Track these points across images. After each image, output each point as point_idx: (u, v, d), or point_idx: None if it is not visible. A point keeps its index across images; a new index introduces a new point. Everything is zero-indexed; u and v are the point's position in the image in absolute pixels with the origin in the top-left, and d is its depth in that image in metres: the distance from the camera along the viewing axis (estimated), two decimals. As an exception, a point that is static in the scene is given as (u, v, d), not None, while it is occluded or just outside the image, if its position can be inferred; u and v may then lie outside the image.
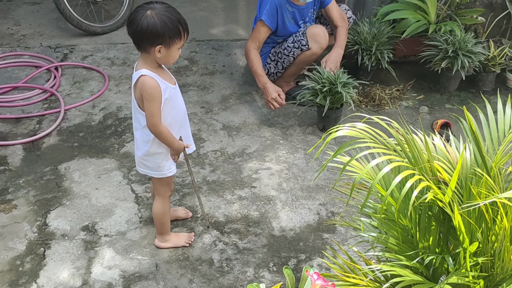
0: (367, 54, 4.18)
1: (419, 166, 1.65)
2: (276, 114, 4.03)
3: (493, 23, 4.43)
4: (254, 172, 3.50)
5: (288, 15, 3.87)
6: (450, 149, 1.81)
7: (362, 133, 1.63)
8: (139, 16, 2.42)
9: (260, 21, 3.84)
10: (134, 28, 2.42)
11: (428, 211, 1.75)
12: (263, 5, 3.83)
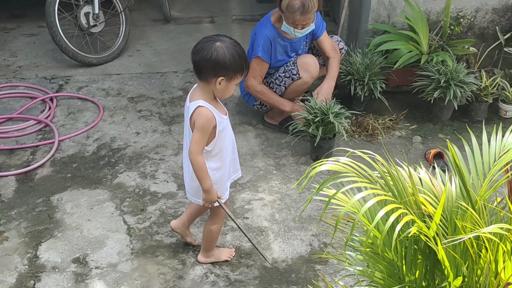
0: (360, 84, 4.20)
1: (404, 200, 1.65)
2: (269, 144, 4.04)
3: (485, 53, 4.47)
4: (247, 203, 3.49)
5: (280, 48, 3.91)
6: (435, 182, 1.82)
7: (345, 167, 1.64)
8: (208, 45, 2.51)
9: (257, 58, 3.87)
10: (202, 56, 2.50)
11: (414, 244, 1.74)
12: (257, 41, 3.87)
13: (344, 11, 4.72)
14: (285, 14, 3.72)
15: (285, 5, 3.66)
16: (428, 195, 1.74)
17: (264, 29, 3.87)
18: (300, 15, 3.65)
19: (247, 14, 6.05)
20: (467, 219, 1.67)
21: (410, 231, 1.56)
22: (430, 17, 4.47)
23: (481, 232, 1.49)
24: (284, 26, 3.79)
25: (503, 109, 4.36)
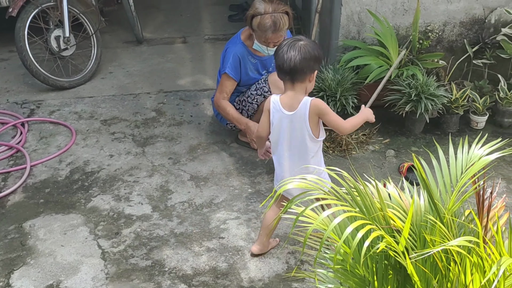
0: (332, 100, 4.23)
1: (372, 215, 1.65)
2: (244, 162, 4.03)
3: (454, 66, 4.54)
4: (222, 222, 3.47)
5: (251, 66, 3.93)
6: (403, 196, 1.83)
7: (312, 185, 1.64)
8: (295, 48, 2.70)
9: (224, 74, 3.89)
10: (299, 59, 2.69)
11: (385, 260, 1.74)
12: (226, 58, 3.89)
13: (314, 28, 4.76)
14: (256, 33, 3.74)
15: (256, 24, 3.68)
16: (396, 210, 1.75)
17: (234, 46, 3.89)
18: (272, 33, 3.67)
19: (219, 33, 6.08)
20: (435, 233, 1.68)
21: (379, 247, 1.56)
22: (399, 32, 4.53)
23: (448, 246, 1.50)
24: (255, 45, 3.81)
25: (474, 121, 4.41)
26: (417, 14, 4.25)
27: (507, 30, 4.43)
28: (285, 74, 2.80)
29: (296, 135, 2.88)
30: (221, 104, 3.96)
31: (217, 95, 3.97)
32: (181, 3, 6.97)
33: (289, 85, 2.84)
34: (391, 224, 1.70)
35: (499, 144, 2.09)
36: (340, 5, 4.42)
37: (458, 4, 4.48)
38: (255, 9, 3.71)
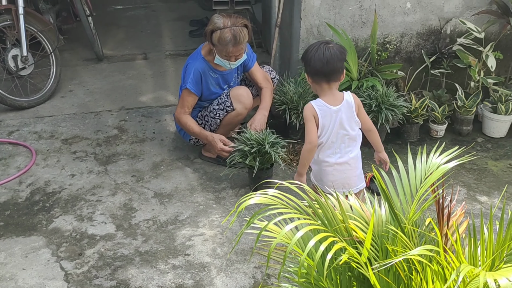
0: (294, 113, 4.25)
1: (334, 227, 1.66)
2: (208, 178, 4.02)
3: (413, 77, 4.61)
4: (188, 239, 3.45)
5: (212, 81, 3.93)
6: (364, 207, 1.84)
7: (273, 199, 1.64)
8: (324, 51, 2.90)
9: (185, 90, 3.89)
10: (334, 60, 2.89)
11: (348, 271, 1.75)
12: (187, 74, 3.89)
13: (275, 42, 4.79)
14: (217, 48, 3.74)
15: (217, 39, 3.69)
16: (358, 221, 1.76)
17: (194, 62, 3.89)
18: (233, 47, 3.70)
19: (180, 48, 6.07)
20: (397, 243, 1.69)
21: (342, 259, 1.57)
22: (358, 44, 4.59)
23: (409, 255, 1.51)
24: (217, 59, 3.82)
25: (433, 130, 4.49)
26: (375, 26, 4.32)
27: (463, 40, 4.53)
28: (323, 76, 2.96)
29: (346, 127, 3.05)
30: (182, 119, 3.95)
31: (178, 110, 3.97)
32: (141, 20, 6.95)
33: (326, 86, 3.01)
34: (354, 235, 1.71)
35: (457, 152, 2.12)
36: (299, 18, 4.46)
37: (414, 15, 4.57)
38: (214, 24, 3.72)
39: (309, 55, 2.95)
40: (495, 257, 1.68)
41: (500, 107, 4.41)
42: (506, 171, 4.15)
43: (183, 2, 7.64)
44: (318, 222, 1.64)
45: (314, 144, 3.07)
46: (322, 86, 3.02)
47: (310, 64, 2.96)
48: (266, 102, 4.01)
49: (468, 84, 4.62)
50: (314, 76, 3.01)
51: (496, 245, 1.70)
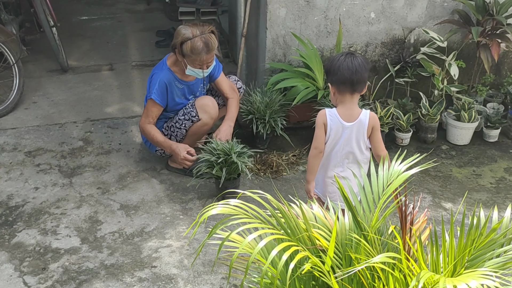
0: (261, 123, 4.26)
1: (297, 236, 1.65)
2: (175, 189, 3.99)
3: (378, 85, 4.66)
4: (154, 251, 3.41)
5: (177, 92, 3.91)
6: (328, 216, 1.84)
7: (236, 209, 1.63)
8: (357, 59, 2.90)
9: (150, 100, 3.87)
10: (361, 70, 2.88)
11: (312, 280, 1.75)
12: (153, 84, 3.86)
13: (241, 52, 4.80)
14: (190, 58, 3.73)
15: (189, 49, 3.69)
16: (322, 230, 1.76)
17: (160, 72, 3.88)
18: (206, 54, 3.73)
19: (147, 59, 6.03)
20: (360, 251, 1.70)
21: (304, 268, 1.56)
22: (324, 53, 4.63)
23: (371, 263, 1.52)
24: (188, 70, 3.80)
25: (399, 138, 4.54)
26: (340, 36, 4.36)
27: (426, 49, 4.60)
28: (350, 85, 2.92)
29: (353, 145, 3.01)
30: (146, 128, 3.92)
31: (143, 119, 3.95)
32: (108, 30, 6.89)
33: (349, 97, 2.96)
34: (317, 244, 1.71)
35: (418, 159, 2.14)
36: (265, 28, 4.48)
37: (378, 25, 4.62)
38: (182, 36, 3.72)
39: (337, 64, 2.92)
40: (457, 263, 1.69)
41: (463, 114, 4.48)
42: (470, 177, 4.21)
43: (150, 12, 7.60)
44: (281, 232, 1.63)
45: (320, 150, 3.04)
46: (345, 97, 2.96)
47: (338, 73, 2.91)
48: (232, 112, 4.01)
49: (432, 92, 4.68)
50: (340, 86, 2.95)
51: (457, 251, 1.72)
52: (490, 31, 4.55)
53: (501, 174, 4.27)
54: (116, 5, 7.89)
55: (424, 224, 2.03)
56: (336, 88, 2.98)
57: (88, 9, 7.64)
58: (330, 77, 2.99)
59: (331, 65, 2.97)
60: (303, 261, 1.68)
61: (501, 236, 1.81)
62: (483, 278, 1.48)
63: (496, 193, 4.03)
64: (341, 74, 2.90)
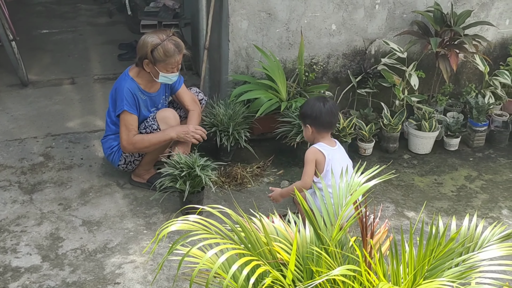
0: (225, 135, 4.25)
1: (258, 251, 1.65)
2: (138, 203, 3.94)
3: (340, 96, 4.71)
4: (118, 267, 3.36)
5: (141, 102, 3.88)
6: (289, 229, 1.84)
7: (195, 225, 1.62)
8: (333, 105, 3.49)
9: (124, 113, 3.79)
10: (337, 112, 3.52)
11: (274, 294, 1.74)
12: (120, 96, 3.80)
13: (204, 65, 4.79)
14: (163, 63, 3.72)
15: (162, 54, 3.69)
16: (283, 243, 1.75)
17: (124, 83, 3.83)
18: (179, 55, 3.77)
19: (109, 72, 5.97)
20: (321, 264, 1.70)
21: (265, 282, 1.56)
22: (286, 65, 4.65)
23: (331, 276, 1.52)
24: (161, 77, 3.78)
25: (362, 148, 4.58)
26: (302, 47, 4.39)
27: (387, 60, 4.67)
28: (329, 127, 3.45)
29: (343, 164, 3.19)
30: (136, 139, 3.83)
31: (125, 136, 3.82)
32: (69, 44, 6.80)
33: (326, 134, 3.46)
34: (278, 258, 1.70)
35: (379, 169, 2.16)
36: (227, 41, 4.48)
37: (339, 37, 4.67)
38: (151, 43, 3.71)
39: (317, 110, 3.39)
40: (416, 273, 1.71)
41: (424, 124, 4.55)
42: (432, 186, 4.27)
43: (112, 25, 7.54)
44: (241, 246, 1.63)
45: (308, 186, 3.39)
46: (323, 135, 3.45)
47: (320, 118, 3.39)
48: (192, 124, 3.97)
49: (393, 102, 4.75)
50: (320, 128, 3.42)
51: (417, 261, 1.73)
52: (449, 42, 4.64)
53: (461, 182, 4.34)
54: (77, 18, 7.81)
55: (385, 234, 2.05)
56: (315, 129, 3.43)
57: (48, 23, 7.54)
58: (310, 120, 3.43)
59: (311, 111, 3.42)
60: (264, 275, 1.67)
61: (460, 245, 1.83)
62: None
63: (457, 201, 4.09)
64: (323, 119, 3.39)
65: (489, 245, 1.91)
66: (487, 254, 1.86)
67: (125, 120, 3.82)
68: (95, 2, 8.46)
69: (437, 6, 4.64)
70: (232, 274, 1.64)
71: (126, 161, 4.01)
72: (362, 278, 1.58)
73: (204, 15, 4.75)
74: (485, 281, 1.82)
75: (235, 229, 1.66)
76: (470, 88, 4.94)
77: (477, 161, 4.64)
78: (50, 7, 8.27)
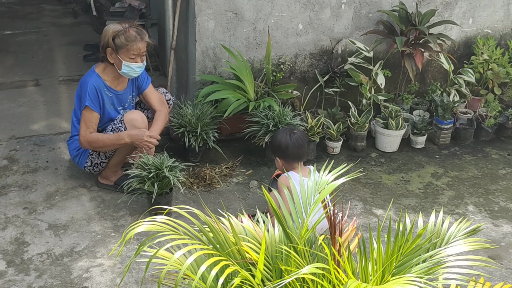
0: (193, 136, 4.22)
1: (226, 251, 1.64)
2: (106, 206, 3.89)
3: (308, 96, 4.72)
4: (85, 271, 3.31)
5: (107, 99, 3.83)
6: (258, 229, 1.83)
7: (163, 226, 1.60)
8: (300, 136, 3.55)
9: (85, 109, 3.73)
10: (305, 143, 3.56)
11: (243, 294, 1.73)
12: (83, 91, 3.75)
13: (171, 65, 4.76)
14: (125, 49, 3.68)
15: (124, 39, 3.68)
16: (252, 243, 1.74)
17: (89, 79, 3.78)
18: (140, 42, 3.74)
19: (74, 74, 5.88)
20: (291, 263, 1.69)
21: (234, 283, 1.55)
22: (254, 65, 4.65)
23: (299, 274, 1.51)
24: (124, 67, 3.73)
25: (330, 147, 4.60)
26: (269, 47, 4.39)
27: (353, 59, 4.70)
28: (298, 158, 3.49)
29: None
30: (91, 138, 3.78)
31: (83, 132, 3.78)
32: (33, 45, 6.68)
33: (297, 165, 3.45)
34: (247, 257, 1.70)
35: (347, 168, 2.17)
36: (194, 41, 4.46)
37: (306, 36, 4.69)
38: (113, 30, 3.70)
39: (284, 143, 3.48)
40: (385, 270, 1.72)
41: (391, 122, 4.59)
42: (399, 184, 4.31)
43: (77, 26, 7.44)
44: (209, 247, 1.61)
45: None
46: (294, 165, 3.47)
47: (287, 151, 3.47)
48: (157, 125, 3.93)
49: (361, 101, 4.78)
50: (290, 160, 3.49)
51: (385, 258, 1.74)
52: (414, 41, 4.69)
53: (428, 179, 4.40)
54: (41, 19, 7.68)
55: (353, 232, 2.05)
56: (284, 161, 3.51)
57: (11, 24, 7.40)
58: (279, 153, 3.53)
59: (278, 145, 3.51)
60: (233, 275, 1.66)
61: (427, 241, 1.85)
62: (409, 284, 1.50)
63: (424, 198, 4.14)
64: (290, 151, 3.47)
65: (455, 241, 1.93)
66: (454, 250, 1.88)
67: (85, 116, 3.78)
68: (60, 3, 8.34)
69: (402, 6, 4.69)
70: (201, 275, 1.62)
71: (93, 163, 3.95)
72: (331, 276, 1.58)
73: (171, 15, 4.72)
74: (452, 276, 1.84)
75: (203, 230, 1.64)
76: (435, 87, 5.01)
77: (443, 159, 4.71)
78: (13, 8, 8.12)
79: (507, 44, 5.18)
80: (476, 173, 4.51)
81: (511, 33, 5.36)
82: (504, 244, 3.66)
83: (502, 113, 4.97)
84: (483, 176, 4.47)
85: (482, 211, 4.02)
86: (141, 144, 3.80)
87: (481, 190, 4.27)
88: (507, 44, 5.20)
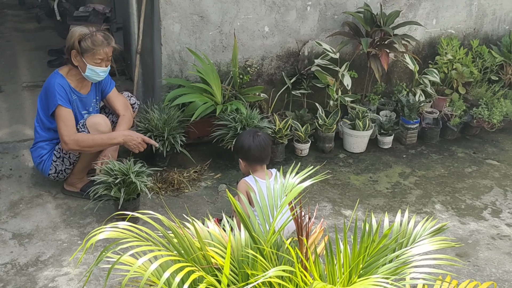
0: (160, 140, 4.18)
1: (191, 256, 1.61)
2: (72, 213, 3.82)
3: (275, 98, 4.72)
4: (51, 280, 3.24)
5: (72, 102, 3.76)
6: (223, 233, 1.81)
7: (125, 232, 1.57)
8: (263, 137, 3.49)
9: (59, 108, 3.64)
10: (267, 146, 3.48)
11: (210, 300, 1.70)
12: (51, 92, 3.65)
13: (137, 69, 4.71)
14: (90, 53, 3.62)
15: (90, 43, 3.62)
16: (217, 248, 1.72)
17: (54, 79, 3.71)
18: (107, 47, 3.69)
19: (38, 79, 5.77)
20: (257, 266, 1.67)
21: (199, 289, 1.52)
22: (221, 68, 4.62)
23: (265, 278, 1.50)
24: (88, 70, 3.66)
25: (298, 149, 4.60)
26: (235, 50, 4.37)
27: (320, 61, 4.71)
28: (260, 161, 3.46)
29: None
30: (80, 137, 3.68)
31: (67, 133, 3.65)
32: (-5, 50, 6.57)
33: (259, 167, 3.47)
34: (212, 262, 1.67)
35: (314, 169, 2.16)
36: (160, 44, 4.42)
37: (273, 38, 4.68)
38: (79, 33, 3.64)
39: (247, 145, 3.43)
40: (352, 271, 1.71)
41: (358, 123, 4.62)
42: (367, 184, 4.33)
43: (41, 31, 7.32)
44: (174, 253, 1.58)
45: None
46: (255, 168, 3.46)
47: (249, 153, 3.43)
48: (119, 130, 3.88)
49: (328, 103, 4.79)
50: (252, 162, 3.47)
51: (352, 259, 1.74)
52: (379, 42, 4.73)
53: (396, 179, 4.43)
54: (3, 24, 7.55)
55: (321, 234, 2.04)
56: (247, 163, 3.49)
57: (-27, 29, 7.26)
58: (241, 155, 3.50)
59: (241, 146, 3.48)
60: (199, 281, 1.64)
61: (393, 241, 1.85)
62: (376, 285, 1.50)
63: (392, 197, 4.17)
64: (252, 154, 3.43)
65: (421, 240, 1.94)
66: (420, 249, 1.89)
67: (61, 116, 3.68)
68: (22, 8, 8.21)
69: (366, 7, 4.72)
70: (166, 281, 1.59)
71: (57, 170, 3.88)
72: (297, 279, 1.57)
73: (136, 19, 4.68)
74: (419, 276, 1.85)
75: (166, 235, 1.61)
76: (401, 87, 5.06)
77: (410, 158, 4.75)
78: (-26, 13, 7.98)
79: (470, 44, 5.26)
80: (442, 171, 4.56)
81: (474, 33, 5.45)
82: (471, 242, 3.70)
83: (467, 112, 5.03)
84: (450, 174, 4.52)
85: (449, 209, 4.06)
86: (133, 145, 3.80)
87: (448, 188, 4.32)
88: (470, 44, 5.27)
